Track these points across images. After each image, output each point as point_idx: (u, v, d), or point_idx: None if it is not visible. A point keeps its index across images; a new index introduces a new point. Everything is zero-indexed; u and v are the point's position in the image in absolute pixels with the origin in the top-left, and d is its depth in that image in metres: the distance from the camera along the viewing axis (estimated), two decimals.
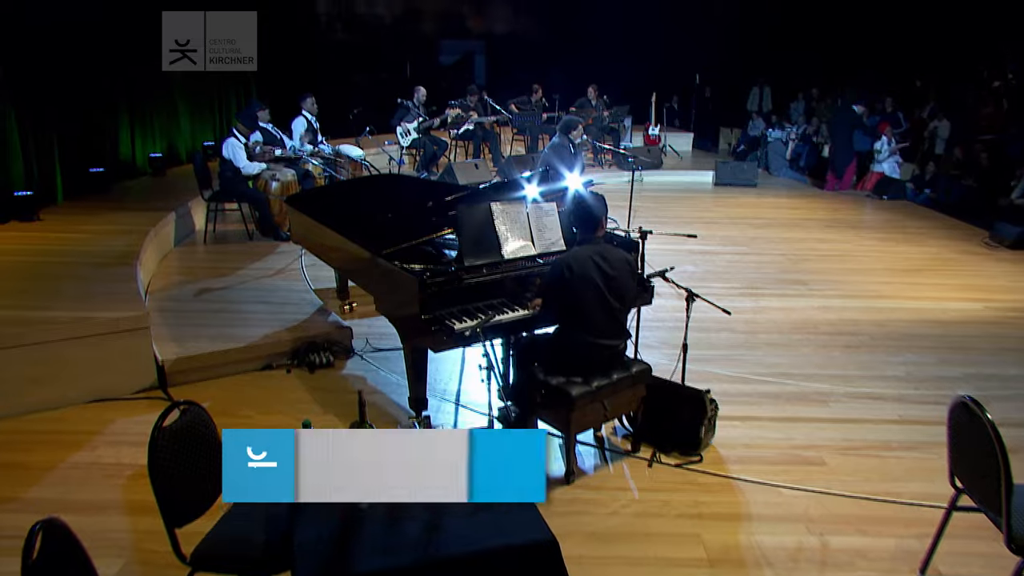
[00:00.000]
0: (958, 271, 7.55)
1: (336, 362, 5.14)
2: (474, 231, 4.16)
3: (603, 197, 3.80)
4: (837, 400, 4.68)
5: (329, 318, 5.60)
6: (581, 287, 3.63)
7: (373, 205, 5.04)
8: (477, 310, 4.03)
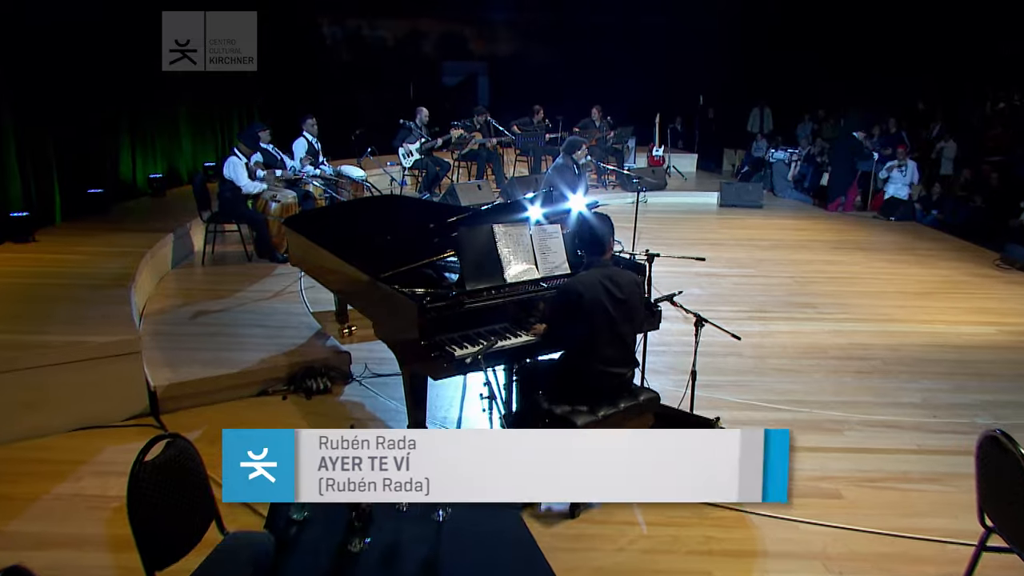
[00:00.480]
0: (970, 294, 7.40)
1: (334, 388, 5.00)
2: (476, 254, 4.03)
3: (609, 218, 3.68)
4: (852, 428, 4.52)
5: (327, 342, 5.46)
6: (590, 312, 3.49)
7: (372, 227, 4.92)
8: (479, 336, 3.89)
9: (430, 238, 4.48)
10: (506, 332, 3.95)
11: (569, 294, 3.52)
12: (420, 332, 3.73)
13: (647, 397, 3.73)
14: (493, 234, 4.11)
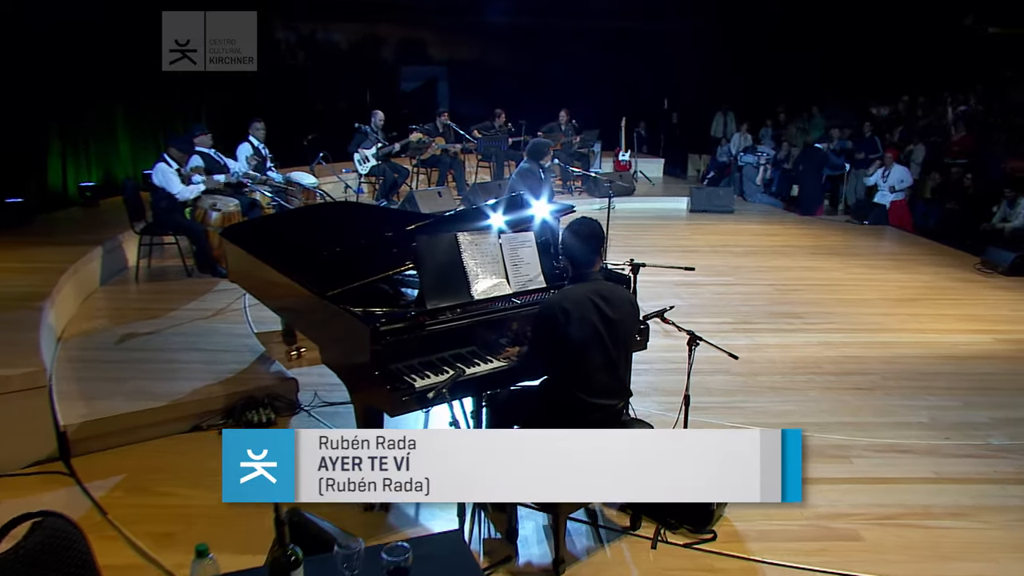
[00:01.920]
0: (957, 300, 7.08)
1: (278, 420, 4.40)
2: (438, 267, 3.50)
3: (598, 224, 3.17)
4: (859, 455, 4.08)
5: (271, 368, 4.85)
6: (578, 335, 2.98)
7: (320, 238, 4.34)
8: (442, 362, 3.35)
9: (386, 249, 3.93)
10: (474, 357, 3.42)
11: (553, 313, 3.00)
12: (373, 360, 3.17)
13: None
14: (457, 244, 3.58)
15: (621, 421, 3.22)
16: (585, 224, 3.14)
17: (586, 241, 3.10)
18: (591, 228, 3.12)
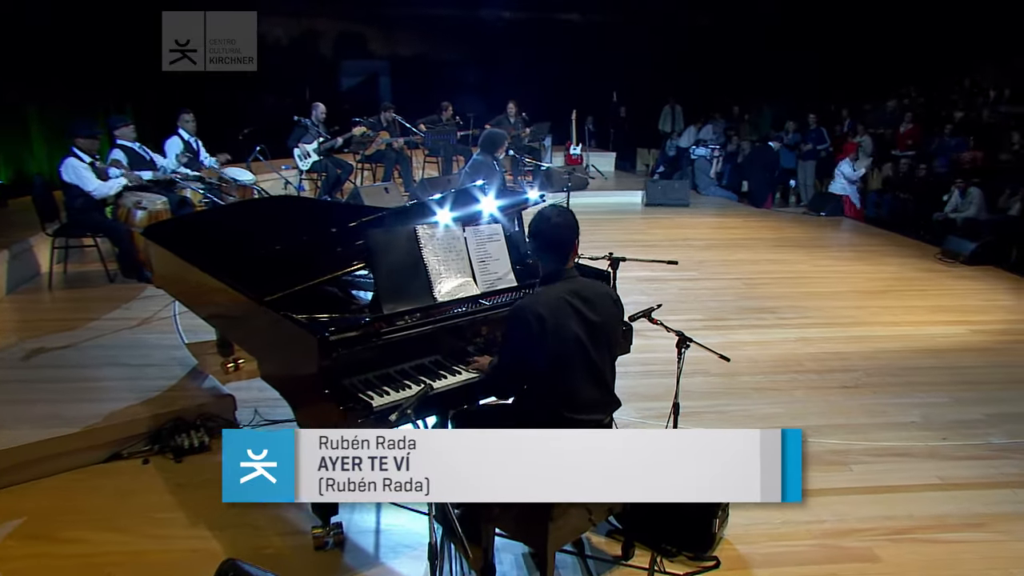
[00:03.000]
0: (925, 291, 6.93)
1: (213, 443, 3.86)
2: (394, 265, 3.04)
3: (571, 213, 2.75)
4: (858, 460, 3.77)
5: (205, 383, 4.31)
6: (556, 343, 2.56)
7: (256, 235, 3.83)
8: (403, 376, 2.90)
9: (332, 247, 3.43)
10: (440, 369, 2.98)
11: (526, 319, 2.56)
12: (322, 375, 2.70)
13: None
14: (416, 238, 3.12)
15: None
16: (557, 213, 2.72)
17: (559, 233, 2.67)
18: (564, 218, 2.70)
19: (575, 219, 2.72)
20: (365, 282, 3.50)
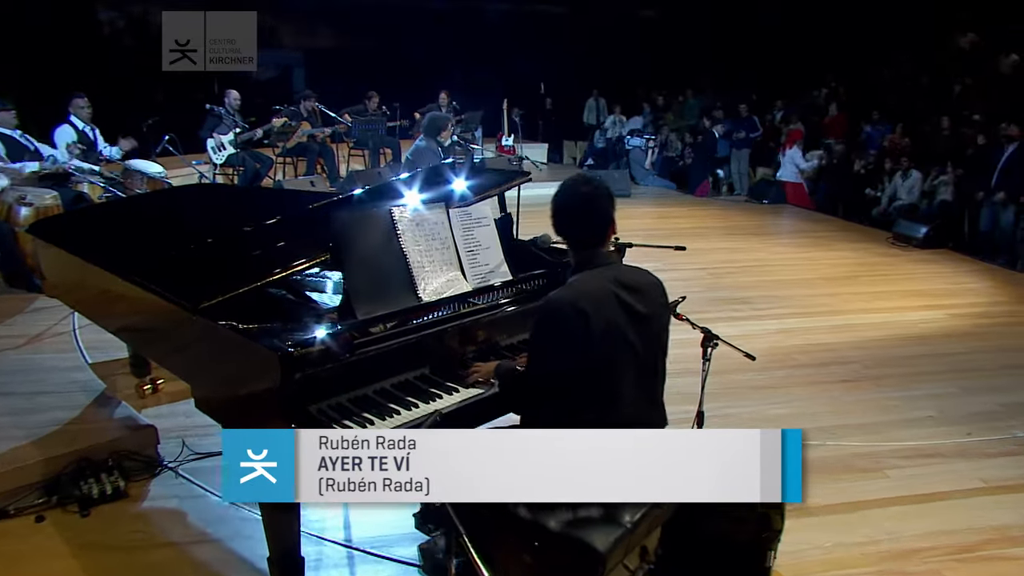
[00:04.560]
0: (887, 276, 6.75)
1: (131, 488, 3.11)
2: (368, 258, 2.41)
3: (605, 186, 2.20)
4: (891, 464, 3.39)
5: (116, 412, 3.53)
6: (603, 346, 2.00)
7: (179, 230, 3.11)
8: (385, 397, 2.27)
9: (281, 239, 2.77)
10: (431, 386, 2.36)
11: (564, 316, 2.00)
12: (284, 402, 2.06)
13: None
14: (393, 224, 2.50)
15: None
16: (585, 182, 2.16)
17: (593, 205, 2.12)
18: (597, 187, 2.14)
19: (609, 192, 2.17)
20: (318, 282, 2.85)
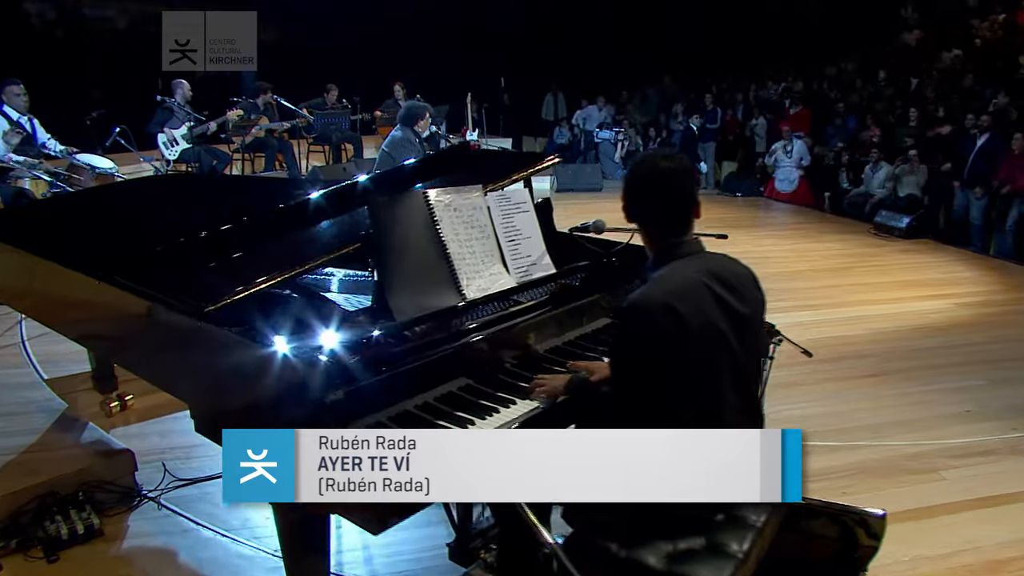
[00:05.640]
0: (880, 267, 6.64)
1: (106, 524, 2.67)
2: (404, 249, 2.04)
3: (685, 158, 1.89)
4: (944, 464, 3.18)
5: (83, 435, 3.07)
6: (701, 352, 1.69)
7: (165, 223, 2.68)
8: (432, 414, 1.91)
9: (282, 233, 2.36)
10: (481, 399, 2.01)
11: (651, 317, 1.68)
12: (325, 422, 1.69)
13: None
14: (429, 209, 2.13)
15: None
16: (665, 156, 1.84)
17: (676, 182, 1.80)
18: (679, 162, 1.82)
19: (691, 166, 1.85)
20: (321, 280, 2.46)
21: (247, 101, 9.11)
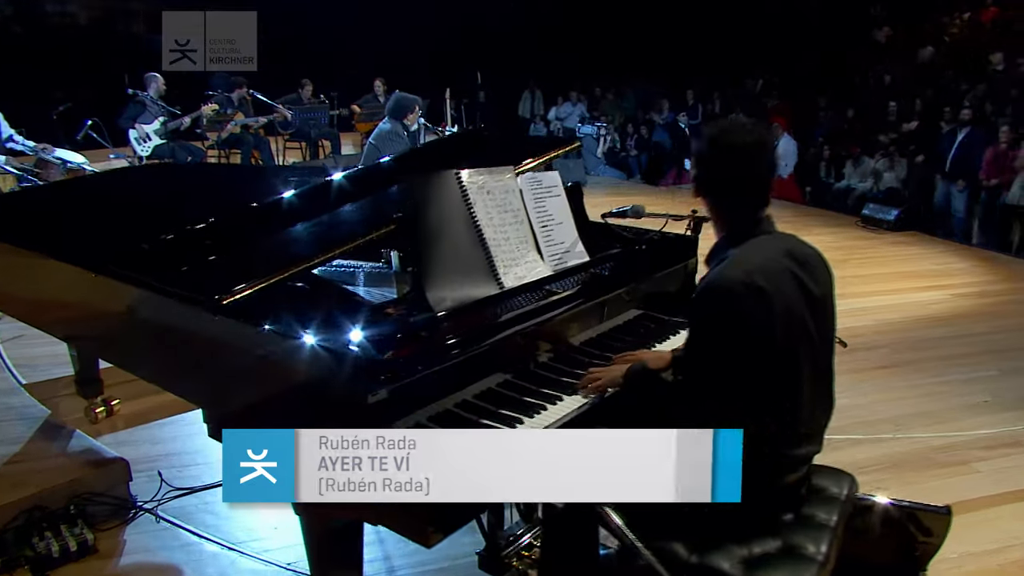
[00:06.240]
0: (874, 259, 6.61)
1: (100, 540, 2.47)
2: (438, 234, 1.88)
3: (762, 127, 1.75)
4: (975, 456, 3.10)
5: (70, 443, 2.86)
6: (786, 337, 1.57)
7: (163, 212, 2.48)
8: (475, 413, 1.76)
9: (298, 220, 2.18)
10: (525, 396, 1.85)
11: (736, 299, 1.55)
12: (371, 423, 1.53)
13: (847, 489, 1.87)
14: (462, 191, 1.97)
15: (818, 487, 1.84)
16: (743, 125, 1.70)
17: (755, 154, 1.67)
18: (759, 133, 1.68)
19: (769, 136, 1.72)
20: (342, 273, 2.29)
21: (222, 95, 8.84)
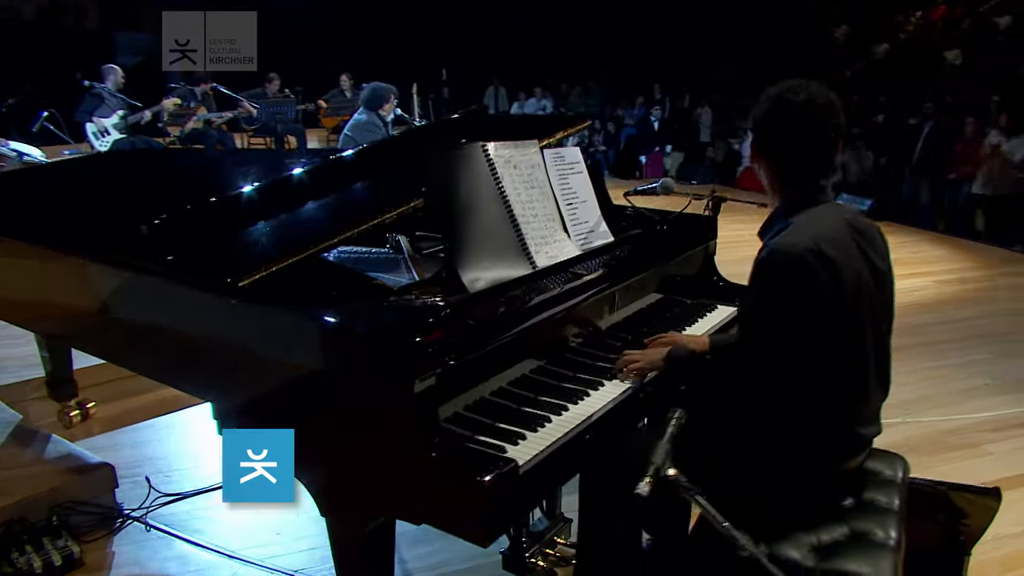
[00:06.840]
0: None
1: (86, 552, 2.28)
2: (470, 211, 1.75)
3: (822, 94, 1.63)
4: (984, 438, 3.10)
5: (48, 449, 2.65)
6: (854, 310, 1.48)
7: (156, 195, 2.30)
8: (515, 401, 1.63)
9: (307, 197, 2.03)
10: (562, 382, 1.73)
11: (805, 267, 1.45)
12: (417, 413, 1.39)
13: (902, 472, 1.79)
14: (490, 166, 1.85)
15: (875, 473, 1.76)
16: (805, 88, 1.58)
17: (822, 119, 1.56)
18: (824, 97, 1.58)
19: (834, 104, 1.60)
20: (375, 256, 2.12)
21: (184, 88, 8.54)
